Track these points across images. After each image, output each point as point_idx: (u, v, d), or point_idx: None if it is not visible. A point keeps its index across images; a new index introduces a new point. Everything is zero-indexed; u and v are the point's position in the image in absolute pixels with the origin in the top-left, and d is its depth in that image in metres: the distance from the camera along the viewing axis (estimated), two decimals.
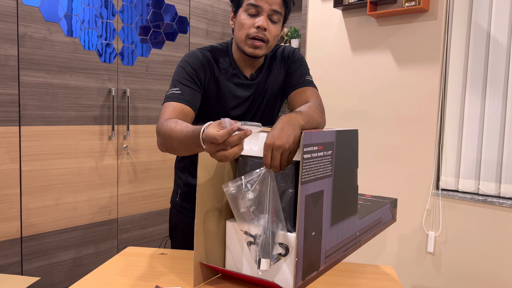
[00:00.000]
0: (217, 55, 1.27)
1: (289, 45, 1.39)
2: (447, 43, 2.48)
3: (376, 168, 2.74)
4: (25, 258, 2.19)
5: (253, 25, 1.17)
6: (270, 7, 1.16)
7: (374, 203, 1.34)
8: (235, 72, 1.27)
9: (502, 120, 2.32)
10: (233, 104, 1.28)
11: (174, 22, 2.76)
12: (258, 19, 1.17)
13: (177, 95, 1.16)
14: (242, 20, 1.18)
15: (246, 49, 1.20)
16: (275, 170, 0.92)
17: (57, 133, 2.25)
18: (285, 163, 0.91)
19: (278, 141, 0.89)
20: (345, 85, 2.87)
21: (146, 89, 2.63)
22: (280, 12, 1.18)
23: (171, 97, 1.16)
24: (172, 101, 1.15)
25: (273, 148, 0.89)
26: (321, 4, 2.96)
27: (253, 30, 1.17)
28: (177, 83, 1.19)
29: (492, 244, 2.33)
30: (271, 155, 0.90)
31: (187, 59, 1.23)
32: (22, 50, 2.09)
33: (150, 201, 2.73)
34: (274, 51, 1.35)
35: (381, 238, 2.73)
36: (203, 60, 1.23)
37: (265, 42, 1.19)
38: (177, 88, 1.17)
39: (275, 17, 1.18)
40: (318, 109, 1.13)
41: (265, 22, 1.16)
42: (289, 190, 0.97)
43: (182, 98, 1.15)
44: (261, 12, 1.16)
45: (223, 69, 1.27)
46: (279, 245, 0.97)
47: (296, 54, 1.34)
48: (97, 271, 1.08)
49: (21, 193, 2.14)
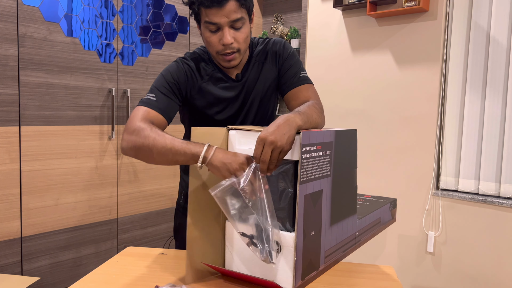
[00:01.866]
0: (198, 63, 1.24)
1: (278, 38, 1.34)
2: (447, 43, 2.48)
3: (375, 168, 2.74)
4: (25, 258, 2.19)
5: (218, 42, 1.14)
6: (227, 19, 1.11)
7: (373, 203, 1.34)
8: (220, 75, 1.25)
9: (502, 120, 2.32)
10: (222, 107, 1.25)
11: (174, 22, 2.76)
12: (220, 34, 1.13)
13: (152, 102, 1.14)
14: (207, 37, 1.16)
15: (222, 64, 1.19)
16: (262, 166, 0.91)
17: (57, 133, 2.25)
18: (274, 161, 0.91)
19: (271, 137, 0.89)
20: (345, 85, 2.87)
21: (146, 89, 2.63)
22: (240, 17, 1.12)
23: (145, 102, 1.14)
24: (145, 107, 1.12)
25: (265, 143, 0.89)
26: (321, 4, 2.96)
27: (220, 47, 1.14)
28: (154, 89, 1.17)
29: (492, 244, 2.33)
30: (261, 149, 0.90)
31: (169, 69, 1.21)
32: (22, 50, 2.09)
33: (150, 201, 2.73)
34: (264, 45, 1.29)
35: (381, 238, 2.73)
36: (186, 72, 1.21)
37: (236, 52, 1.16)
38: (153, 94, 1.15)
39: (237, 24, 1.13)
40: (317, 109, 1.12)
41: (228, 37, 1.11)
42: (288, 190, 0.97)
43: (156, 106, 1.13)
44: (222, 27, 1.12)
45: (207, 75, 1.24)
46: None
47: (288, 48, 1.29)
48: (97, 271, 1.08)
49: (21, 193, 2.14)
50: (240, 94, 1.27)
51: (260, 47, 1.29)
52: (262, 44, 1.30)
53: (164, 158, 1.00)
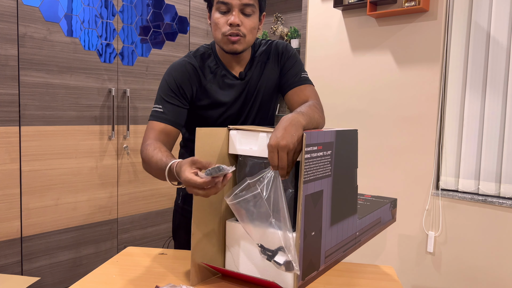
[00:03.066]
0: (203, 61, 1.26)
1: (281, 40, 1.36)
2: (447, 43, 2.48)
3: (376, 168, 2.74)
4: (25, 258, 2.19)
5: (226, 22, 1.16)
6: (239, 2, 1.14)
7: (373, 203, 1.34)
8: (224, 73, 1.26)
9: (502, 120, 2.32)
10: (225, 107, 1.26)
11: (174, 22, 2.76)
12: (229, 16, 1.15)
13: (159, 114, 1.19)
14: (216, 19, 1.18)
15: (225, 47, 1.19)
16: (282, 172, 0.91)
17: (57, 133, 2.25)
18: (290, 163, 0.91)
19: (283, 141, 0.89)
20: (345, 85, 2.87)
21: (146, 89, 2.63)
22: (252, 4, 1.16)
23: (154, 115, 1.20)
24: (155, 121, 1.19)
25: (278, 148, 0.89)
26: (321, 4, 2.96)
27: (227, 28, 1.16)
28: (161, 100, 1.21)
29: (492, 244, 2.33)
30: (277, 156, 0.90)
31: (172, 73, 1.22)
32: (22, 50, 2.09)
33: (150, 201, 2.73)
34: (267, 46, 1.31)
35: (381, 238, 2.73)
36: (189, 71, 1.23)
37: (241, 37, 1.17)
38: (160, 106, 1.20)
39: (248, 10, 1.16)
40: (318, 109, 1.13)
41: (237, 18, 1.14)
42: (289, 190, 0.97)
43: (164, 118, 1.19)
44: (232, 8, 1.15)
45: (211, 72, 1.25)
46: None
47: (290, 50, 1.31)
48: (97, 271, 1.08)
49: (21, 193, 2.14)
50: (242, 93, 1.28)
51: (263, 48, 1.31)
52: (265, 45, 1.32)
53: (160, 177, 1.06)
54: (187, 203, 1.37)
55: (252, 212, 0.92)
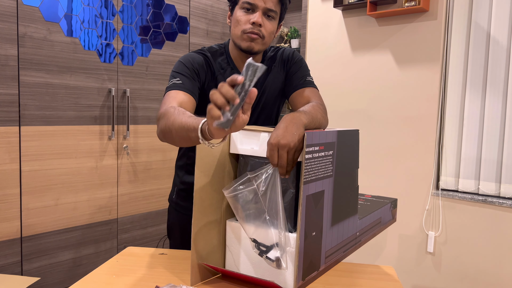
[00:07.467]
0: (215, 56, 1.28)
1: (289, 47, 1.40)
2: (447, 43, 2.48)
3: (376, 168, 2.74)
4: (25, 258, 2.19)
5: (248, 21, 1.19)
6: (265, 6, 1.18)
7: (374, 203, 1.34)
8: (233, 71, 1.28)
9: (502, 120, 2.32)
10: None
11: (174, 22, 2.76)
12: (253, 15, 1.19)
13: (178, 84, 1.17)
14: (238, 16, 1.21)
15: (243, 44, 1.21)
16: (281, 170, 0.91)
17: (57, 133, 2.25)
18: (291, 162, 0.91)
19: (283, 140, 0.89)
20: (345, 85, 2.87)
21: (146, 89, 2.63)
22: (275, 10, 1.20)
23: (171, 86, 1.16)
24: (173, 90, 1.15)
25: (278, 147, 0.89)
26: (321, 4, 2.96)
27: (248, 26, 1.19)
28: (177, 74, 1.19)
29: (492, 244, 2.33)
30: (277, 155, 0.90)
31: (189, 57, 1.24)
32: (22, 50, 2.09)
33: (150, 201, 2.73)
34: (274, 52, 1.35)
35: (381, 238, 2.73)
36: (204, 61, 1.25)
37: (260, 37, 1.20)
38: (177, 78, 1.18)
39: (271, 14, 1.21)
40: (321, 109, 1.13)
41: (260, 18, 1.18)
42: (290, 190, 0.97)
43: (183, 87, 1.16)
44: (256, 9, 1.19)
45: (222, 69, 1.28)
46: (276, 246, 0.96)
47: (296, 56, 1.35)
48: (97, 271, 1.08)
49: (21, 193, 2.14)
50: None
51: (271, 54, 1.35)
52: (273, 52, 1.36)
53: (180, 136, 0.92)
54: (180, 198, 1.37)
55: (247, 207, 0.92)
